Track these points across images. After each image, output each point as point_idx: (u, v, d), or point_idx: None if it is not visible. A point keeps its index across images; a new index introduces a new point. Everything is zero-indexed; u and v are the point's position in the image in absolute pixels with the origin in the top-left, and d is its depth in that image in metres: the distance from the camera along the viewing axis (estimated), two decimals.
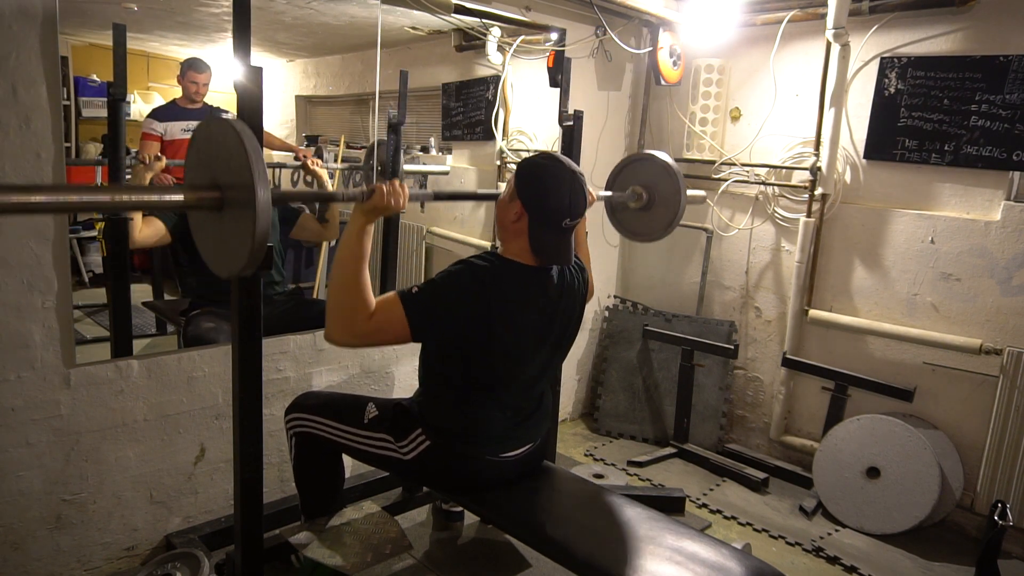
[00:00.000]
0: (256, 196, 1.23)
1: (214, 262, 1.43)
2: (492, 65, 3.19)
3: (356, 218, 1.65)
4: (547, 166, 1.74)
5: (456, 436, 1.82)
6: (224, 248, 1.38)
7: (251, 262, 1.29)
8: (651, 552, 1.64)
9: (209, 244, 1.44)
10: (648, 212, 2.47)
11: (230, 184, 1.31)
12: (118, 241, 2.35)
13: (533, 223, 1.72)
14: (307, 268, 3.65)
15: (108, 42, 2.25)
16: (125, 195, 1.31)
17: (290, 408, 2.04)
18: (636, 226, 2.56)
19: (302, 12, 3.03)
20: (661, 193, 2.43)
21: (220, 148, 1.33)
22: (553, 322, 1.81)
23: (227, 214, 1.34)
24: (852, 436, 2.78)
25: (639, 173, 2.48)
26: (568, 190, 1.71)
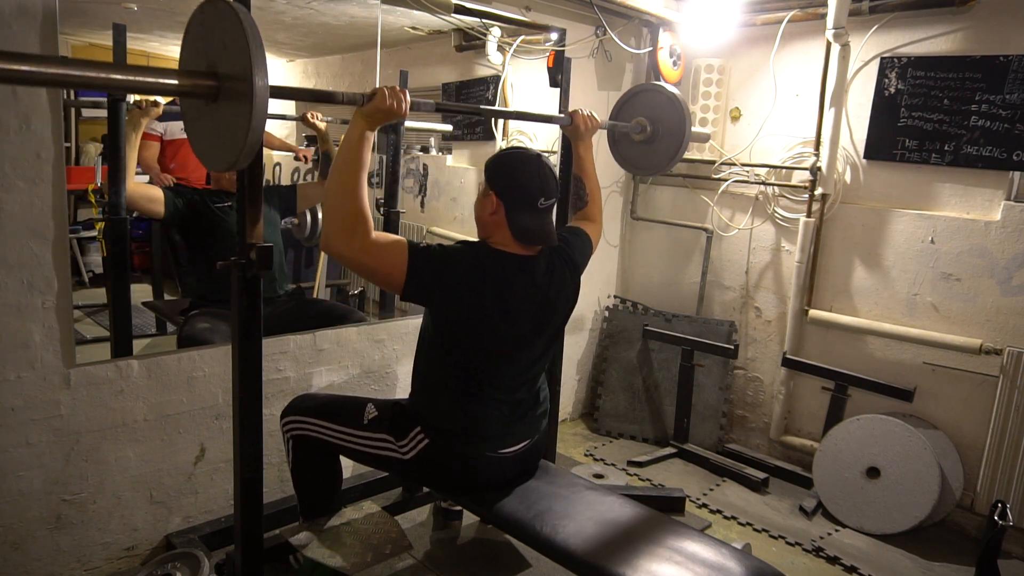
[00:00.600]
0: (254, 85, 1.18)
1: (206, 155, 1.38)
2: (492, 65, 3.19)
3: (356, 123, 1.62)
4: (511, 154, 1.82)
5: (454, 433, 1.82)
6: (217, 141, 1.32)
7: (245, 155, 1.24)
8: (651, 552, 1.64)
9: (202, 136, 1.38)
10: (651, 145, 2.43)
11: (227, 74, 1.25)
12: (118, 241, 2.35)
13: (510, 210, 1.75)
14: (307, 268, 3.65)
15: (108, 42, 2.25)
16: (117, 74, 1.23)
17: (286, 411, 2.04)
18: (638, 159, 2.51)
19: (302, 12, 3.03)
20: (665, 126, 2.38)
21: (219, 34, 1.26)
22: (543, 308, 1.82)
23: (223, 105, 1.29)
24: (852, 436, 2.78)
25: (644, 104, 2.43)
26: (535, 171, 1.76)
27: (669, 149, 2.39)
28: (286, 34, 3.53)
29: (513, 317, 1.75)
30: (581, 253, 2.00)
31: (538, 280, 1.80)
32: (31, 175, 1.81)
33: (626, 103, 2.50)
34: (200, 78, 1.28)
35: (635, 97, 2.48)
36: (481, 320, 1.72)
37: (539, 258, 1.81)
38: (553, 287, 1.84)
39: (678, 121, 2.36)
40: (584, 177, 2.24)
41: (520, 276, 1.77)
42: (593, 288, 3.70)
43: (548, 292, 1.82)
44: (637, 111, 2.46)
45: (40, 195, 1.83)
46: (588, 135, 2.21)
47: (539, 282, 1.80)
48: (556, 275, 1.85)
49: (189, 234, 2.76)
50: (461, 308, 1.72)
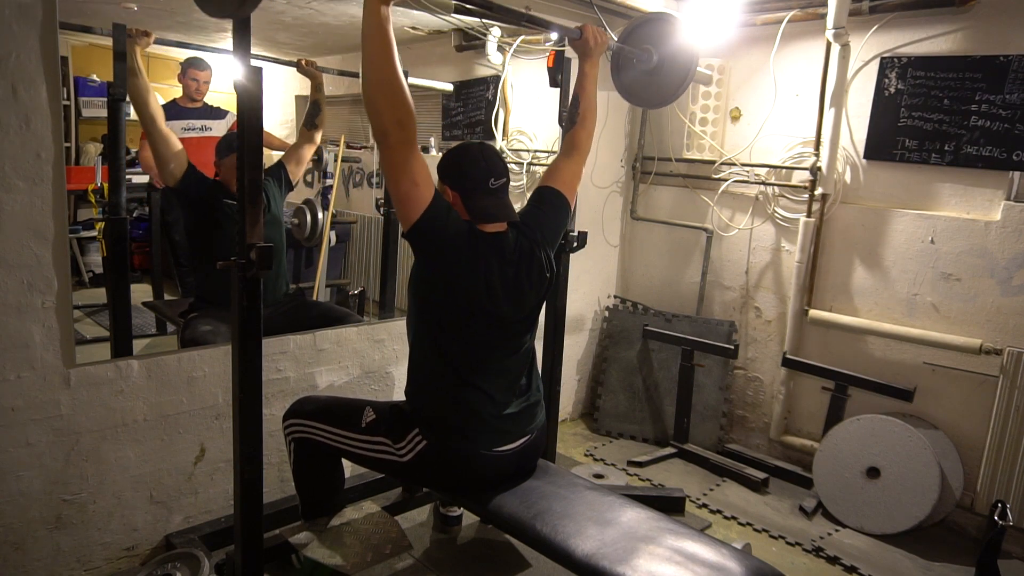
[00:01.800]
0: None
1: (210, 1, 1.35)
2: (492, 65, 3.19)
3: (370, 4, 1.54)
4: (454, 149, 1.88)
5: (451, 428, 1.83)
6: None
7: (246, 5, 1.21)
8: (651, 552, 1.64)
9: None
10: (655, 76, 2.37)
11: None
12: (118, 241, 2.35)
13: (466, 198, 1.81)
14: (307, 268, 3.65)
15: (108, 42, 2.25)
16: None
17: (287, 414, 2.05)
18: (641, 89, 2.44)
19: (302, 12, 3.03)
20: (672, 57, 2.32)
21: None
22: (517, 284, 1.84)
23: None
24: (852, 436, 2.78)
25: (652, 34, 2.37)
26: (479, 156, 1.82)
27: (674, 81, 2.32)
28: (286, 34, 3.53)
29: (492, 290, 1.78)
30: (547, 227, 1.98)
31: (508, 257, 1.83)
32: (31, 175, 1.81)
33: (634, 31, 2.42)
34: None
35: (643, 25, 2.41)
36: (465, 284, 1.75)
37: (507, 234, 1.85)
38: (523, 264, 1.86)
39: (686, 54, 2.29)
40: (582, 95, 2.19)
41: (493, 253, 1.80)
42: (593, 288, 3.70)
43: (519, 268, 1.85)
44: (645, 39, 2.38)
45: (40, 195, 1.83)
46: (596, 52, 2.18)
47: (509, 259, 1.83)
48: (525, 253, 1.87)
49: (193, 231, 2.75)
50: (449, 266, 1.75)
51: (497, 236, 1.82)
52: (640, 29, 2.43)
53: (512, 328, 1.87)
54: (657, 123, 3.64)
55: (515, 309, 1.85)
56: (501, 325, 1.84)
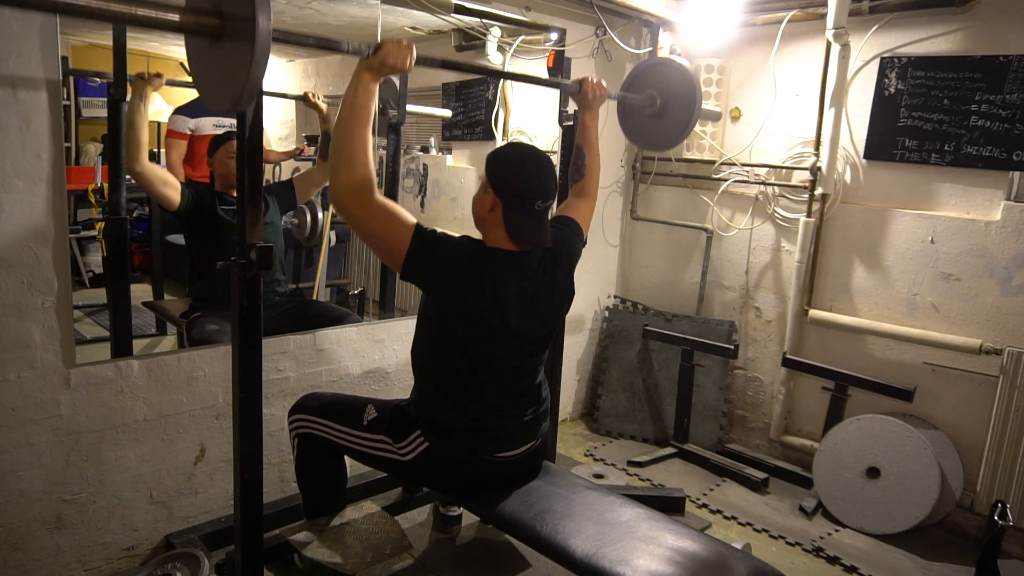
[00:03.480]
0: (257, 25, 1.18)
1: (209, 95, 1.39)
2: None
3: (360, 75, 1.62)
4: (513, 152, 1.79)
5: (454, 435, 1.82)
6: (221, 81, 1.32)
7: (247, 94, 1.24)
8: (651, 552, 1.64)
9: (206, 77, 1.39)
10: (661, 119, 2.40)
11: (231, 13, 1.26)
12: (118, 241, 2.35)
13: (507, 209, 1.74)
14: (307, 268, 3.65)
15: (108, 42, 2.24)
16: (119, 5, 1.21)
17: (293, 409, 2.05)
18: (648, 133, 2.47)
19: (302, 12, 3.03)
20: (676, 100, 2.35)
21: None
22: (536, 305, 1.82)
23: (226, 45, 1.29)
24: (852, 436, 2.78)
25: (655, 78, 2.40)
26: (535, 171, 1.75)
27: (679, 123, 2.35)
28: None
29: (507, 313, 1.75)
30: (572, 248, 1.99)
31: (530, 275, 1.80)
32: (31, 175, 1.81)
33: (637, 76, 2.45)
34: (204, 16, 1.28)
35: (646, 70, 2.44)
36: (476, 314, 1.73)
37: (532, 254, 1.82)
38: (545, 283, 1.84)
39: (688, 95, 2.31)
40: (586, 147, 2.19)
41: (513, 272, 1.77)
42: (593, 288, 3.70)
43: (540, 288, 1.83)
44: (648, 84, 2.41)
45: (40, 195, 1.83)
46: (596, 103, 2.18)
47: (531, 277, 1.80)
48: (547, 272, 1.85)
49: (192, 235, 2.75)
50: (457, 299, 1.72)
51: (520, 255, 1.78)
52: (643, 74, 2.46)
53: (527, 349, 1.85)
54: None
55: (531, 327, 1.82)
56: (516, 347, 1.82)
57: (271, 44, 1.21)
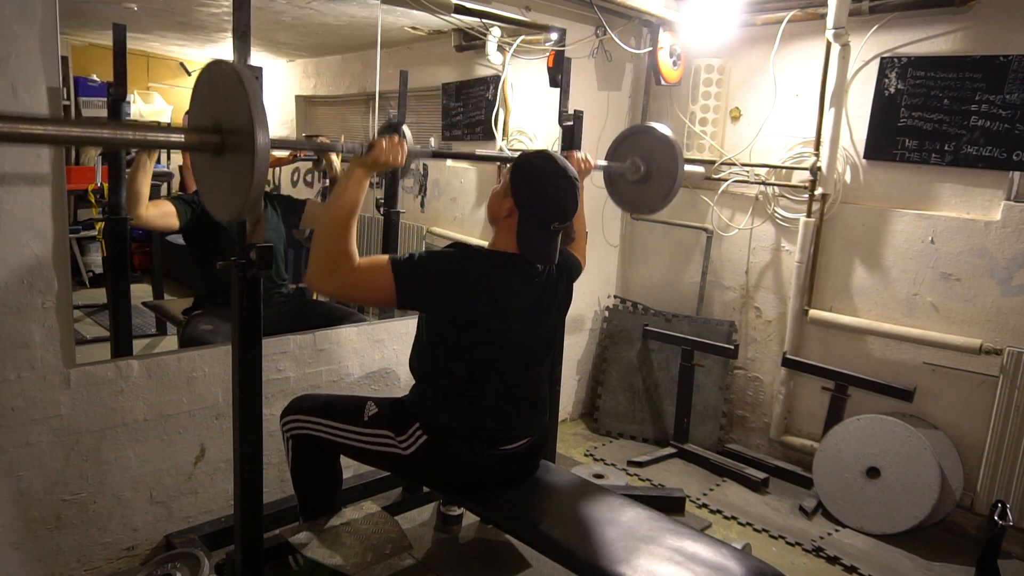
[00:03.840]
0: (255, 140, 1.24)
1: (214, 205, 1.45)
2: (492, 65, 3.19)
3: (354, 170, 1.68)
4: (543, 168, 1.77)
5: (452, 432, 1.82)
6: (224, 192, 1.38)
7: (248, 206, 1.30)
8: (651, 552, 1.64)
9: (210, 187, 1.45)
10: (645, 184, 2.48)
11: (230, 128, 1.32)
12: (118, 241, 2.35)
13: (523, 221, 1.76)
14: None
15: (108, 42, 2.24)
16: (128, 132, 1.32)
17: (286, 411, 2.04)
18: (634, 198, 2.57)
19: (302, 12, 3.03)
20: (659, 165, 2.43)
21: (222, 92, 1.34)
22: (537, 309, 1.83)
23: (227, 158, 1.35)
24: (852, 436, 2.78)
25: (638, 145, 2.49)
26: (560, 194, 1.75)
27: (663, 188, 2.45)
28: (286, 34, 3.53)
29: (507, 319, 1.75)
30: (574, 269, 2.03)
31: (532, 280, 1.81)
32: (31, 175, 1.81)
33: (621, 143, 2.56)
34: (206, 134, 1.36)
35: (629, 138, 2.55)
36: (474, 325, 1.73)
37: None
38: (548, 289, 1.85)
39: (671, 160, 2.41)
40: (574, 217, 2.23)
41: (515, 275, 1.77)
42: (593, 288, 3.70)
43: (543, 293, 1.84)
44: (631, 151, 2.51)
45: (40, 195, 1.83)
46: (582, 177, 2.18)
47: (533, 282, 1.81)
48: (551, 279, 1.86)
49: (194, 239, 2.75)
50: (453, 314, 1.73)
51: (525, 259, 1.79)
52: (626, 142, 2.54)
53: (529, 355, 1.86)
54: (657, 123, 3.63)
55: (534, 333, 1.83)
56: (517, 353, 1.82)
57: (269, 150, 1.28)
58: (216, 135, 1.35)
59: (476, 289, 1.71)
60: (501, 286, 1.74)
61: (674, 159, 2.39)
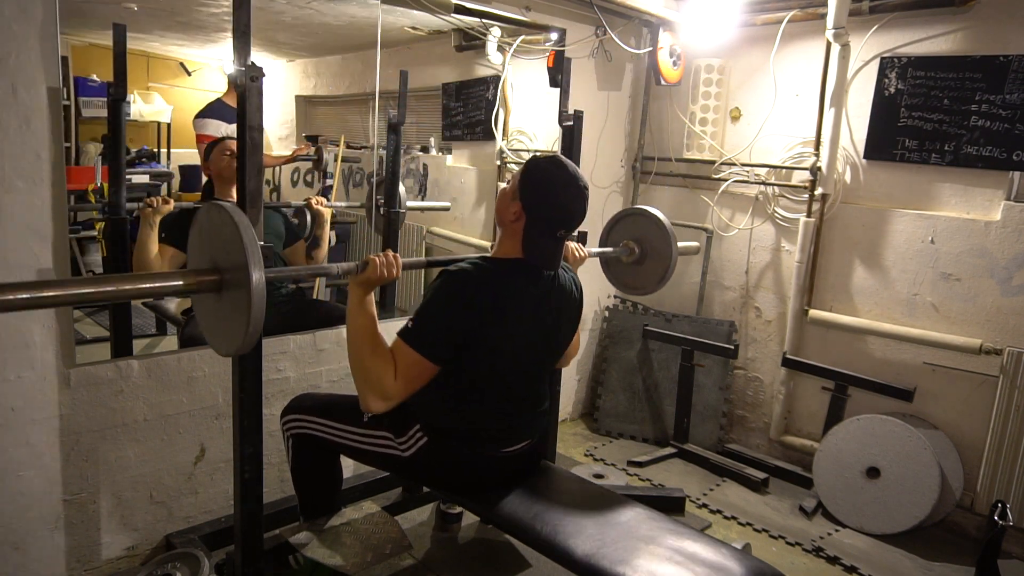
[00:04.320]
0: (251, 279, 1.31)
1: (214, 340, 1.50)
2: (492, 65, 3.19)
3: (354, 291, 1.72)
4: (553, 173, 1.75)
5: (453, 435, 1.82)
6: (223, 327, 1.45)
7: (248, 340, 1.36)
8: (651, 552, 1.64)
9: (210, 324, 1.51)
10: (641, 266, 2.52)
11: (227, 267, 1.39)
12: (118, 241, 2.35)
13: (529, 226, 1.75)
14: None
15: (108, 42, 2.25)
16: (128, 284, 1.37)
17: (286, 410, 2.04)
18: (629, 279, 2.60)
19: (302, 12, 3.03)
20: (653, 247, 2.48)
21: (218, 233, 1.41)
22: (545, 314, 1.82)
23: (225, 296, 1.42)
24: (852, 436, 2.78)
25: (632, 227, 2.53)
26: (569, 200, 1.75)
27: (658, 270, 2.47)
28: (286, 34, 3.53)
29: (512, 325, 1.75)
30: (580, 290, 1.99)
31: (541, 286, 1.80)
32: (31, 175, 1.81)
33: (615, 226, 2.58)
34: (205, 274, 1.42)
35: (622, 220, 2.56)
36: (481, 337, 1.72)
37: None
38: (555, 293, 1.84)
39: (664, 243, 2.44)
40: None
41: (520, 280, 1.76)
42: (593, 288, 3.69)
43: (550, 298, 1.83)
44: (625, 233, 2.54)
45: (40, 195, 1.83)
46: (576, 266, 2.16)
47: (541, 287, 1.80)
48: (557, 283, 1.85)
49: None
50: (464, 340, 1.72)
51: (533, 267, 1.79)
52: (619, 224, 2.56)
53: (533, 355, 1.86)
54: (657, 124, 3.64)
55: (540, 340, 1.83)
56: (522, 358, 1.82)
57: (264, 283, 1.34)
58: (214, 275, 1.41)
59: (481, 311, 1.69)
60: (505, 294, 1.73)
61: (667, 241, 2.42)
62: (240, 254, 1.32)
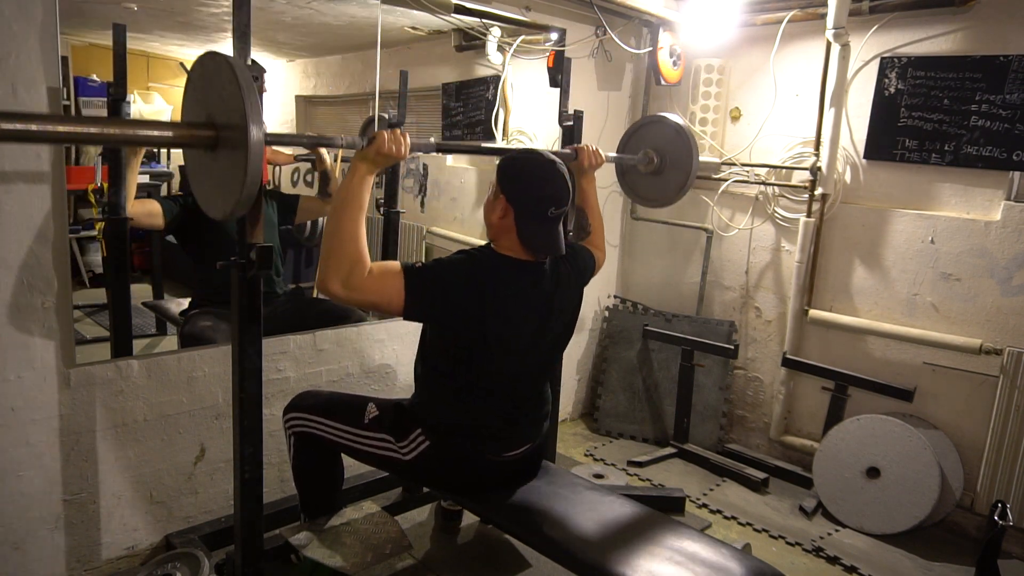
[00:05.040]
0: (249, 135, 1.21)
1: (207, 202, 1.42)
2: (492, 65, 3.19)
3: (356, 166, 1.65)
4: (525, 159, 1.78)
5: (455, 436, 1.82)
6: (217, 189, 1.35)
7: (243, 202, 1.28)
8: (651, 552, 1.64)
9: (204, 184, 1.42)
10: (659, 176, 2.42)
11: (224, 123, 1.30)
12: (118, 241, 2.35)
13: (519, 217, 1.73)
14: (307, 268, 3.65)
15: (108, 42, 2.24)
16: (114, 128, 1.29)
17: (288, 408, 2.04)
18: (646, 191, 2.50)
19: (302, 12, 3.03)
20: (673, 157, 2.37)
21: (215, 86, 1.31)
22: (549, 316, 1.82)
23: (221, 154, 1.32)
24: (852, 436, 2.78)
25: (650, 136, 2.43)
26: (549, 178, 1.74)
27: (677, 180, 2.38)
28: (286, 34, 3.53)
29: (516, 325, 1.75)
30: (586, 266, 2.01)
31: (544, 287, 1.79)
32: (31, 175, 1.81)
33: (633, 135, 2.50)
34: (199, 129, 1.33)
35: (641, 129, 2.49)
36: (482, 333, 1.71)
37: (545, 264, 1.81)
38: (559, 294, 1.83)
39: (685, 152, 2.34)
40: (587, 210, 2.23)
41: (525, 282, 1.76)
42: (593, 288, 3.67)
43: (553, 299, 1.82)
44: (644, 142, 2.45)
45: (40, 195, 1.83)
46: (592, 170, 2.18)
47: (545, 288, 1.80)
48: (563, 281, 1.84)
49: (185, 238, 2.75)
50: (461, 324, 1.70)
51: (533, 265, 1.77)
52: (637, 133, 2.49)
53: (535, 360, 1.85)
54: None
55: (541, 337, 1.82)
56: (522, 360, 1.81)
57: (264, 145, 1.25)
58: (210, 130, 1.32)
59: (484, 294, 1.68)
60: (510, 292, 1.73)
61: (688, 150, 2.32)
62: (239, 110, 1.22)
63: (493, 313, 1.70)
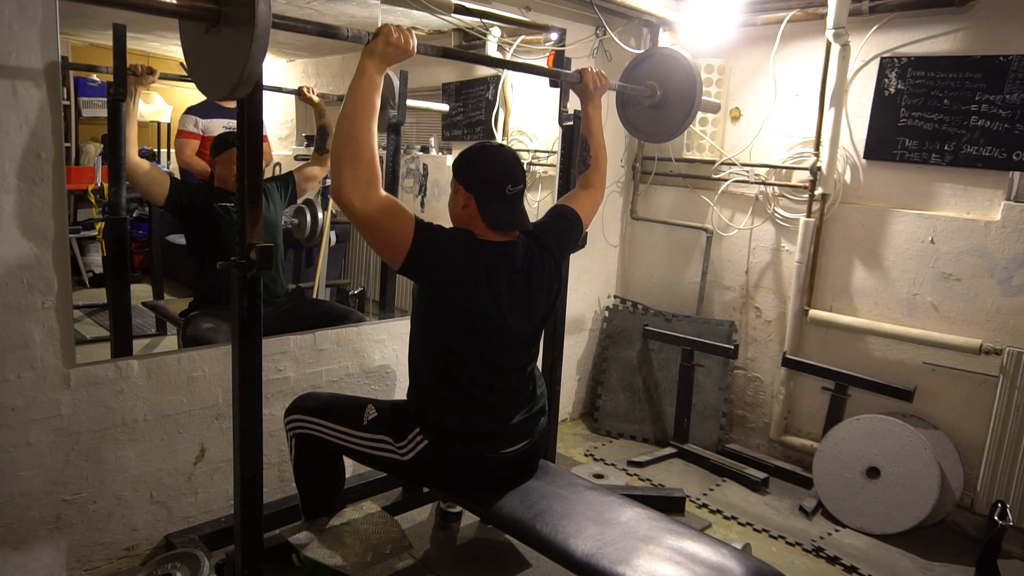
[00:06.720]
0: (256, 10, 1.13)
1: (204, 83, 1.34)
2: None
3: (365, 66, 1.60)
4: (474, 147, 1.83)
5: (453, 431, 1.82)
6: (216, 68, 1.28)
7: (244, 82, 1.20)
8: (651, 552, 1.64)
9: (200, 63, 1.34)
10: (661, 110, 2.39)
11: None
12: (118, 241, 2.35)
13: (480, 201, 1.76)
14: (307, 268, 3.65)
15: (108, 42, 2.25)
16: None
17: (289, 410, 2.05)
18: (645, 124, 2.48)
19: (302, 12, 3.03)
20: (676, 91, 2.34)
21: None
22: (526, 293, 1.83)
23: (223, 30, 1.24)
24: (852, 436, 2.78)
25: (655, 69, 2.40)
26: (499, 159, 1.79)
27: (679, 113, 2.34)
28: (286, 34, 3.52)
29: (500, 303, 1.77)
30: (560, 238, 1.99)
31: (518, 265, 1.82)
32: (31, 175, 1.81)
33: (636, 67, 2.45)
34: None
35: (646, 61, 2.44)
36: (472, 304, 1.73)
37: (518, 243, 1.83)
38: (534, 272, 1.85)
39: (689, 86, 2.31)
40: (590, 138, 2.23)
41: (502, 262, 1.78)
42: (593, 288, 3.70)
43: (530, 277, 1.84)
44: (648, 75, 2.41)
45: (40, 195, 1.83)
46: (597, 94, 2.19)
47: (519, 267, 1.82)
48: (535, 260, 1.86)
49: (190, 234, 2.76)
50: (454, 290, 1.73)
51: (507, 244, 1.80)
52: (642, 65, 2.45)
53: (520, 341, 1.86)
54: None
55: (524, 320, 1.83)
56: (509, 341, 1.82)
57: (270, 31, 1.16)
58: (212, 2, 1.24)
59: (477, 273, 1.72)
60: (493, 272, 1.76)
61: (692, 84, 2.29)
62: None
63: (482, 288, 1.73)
